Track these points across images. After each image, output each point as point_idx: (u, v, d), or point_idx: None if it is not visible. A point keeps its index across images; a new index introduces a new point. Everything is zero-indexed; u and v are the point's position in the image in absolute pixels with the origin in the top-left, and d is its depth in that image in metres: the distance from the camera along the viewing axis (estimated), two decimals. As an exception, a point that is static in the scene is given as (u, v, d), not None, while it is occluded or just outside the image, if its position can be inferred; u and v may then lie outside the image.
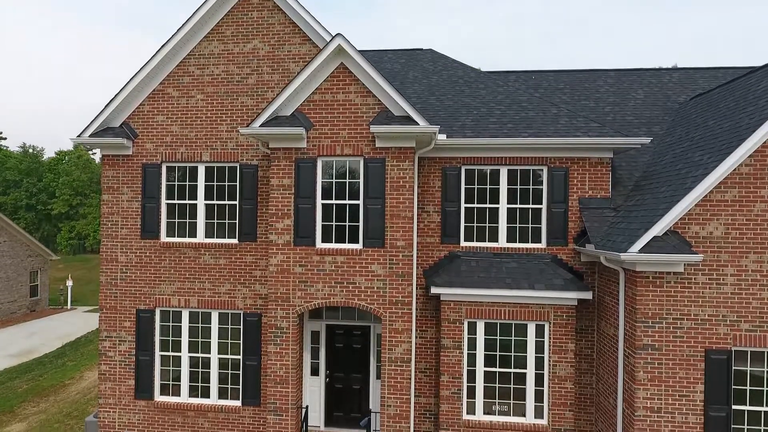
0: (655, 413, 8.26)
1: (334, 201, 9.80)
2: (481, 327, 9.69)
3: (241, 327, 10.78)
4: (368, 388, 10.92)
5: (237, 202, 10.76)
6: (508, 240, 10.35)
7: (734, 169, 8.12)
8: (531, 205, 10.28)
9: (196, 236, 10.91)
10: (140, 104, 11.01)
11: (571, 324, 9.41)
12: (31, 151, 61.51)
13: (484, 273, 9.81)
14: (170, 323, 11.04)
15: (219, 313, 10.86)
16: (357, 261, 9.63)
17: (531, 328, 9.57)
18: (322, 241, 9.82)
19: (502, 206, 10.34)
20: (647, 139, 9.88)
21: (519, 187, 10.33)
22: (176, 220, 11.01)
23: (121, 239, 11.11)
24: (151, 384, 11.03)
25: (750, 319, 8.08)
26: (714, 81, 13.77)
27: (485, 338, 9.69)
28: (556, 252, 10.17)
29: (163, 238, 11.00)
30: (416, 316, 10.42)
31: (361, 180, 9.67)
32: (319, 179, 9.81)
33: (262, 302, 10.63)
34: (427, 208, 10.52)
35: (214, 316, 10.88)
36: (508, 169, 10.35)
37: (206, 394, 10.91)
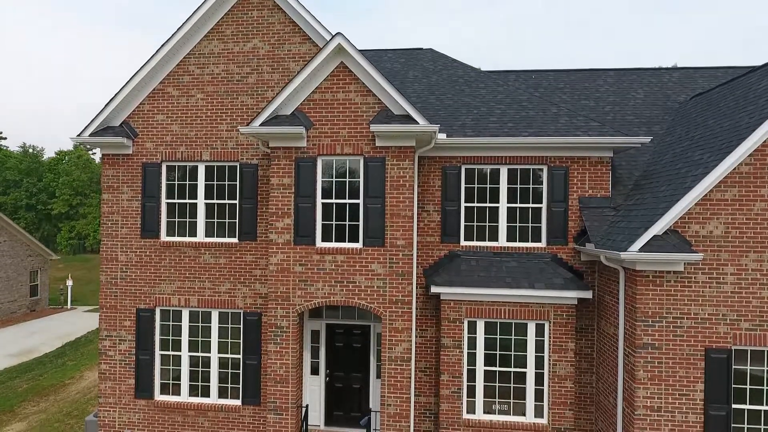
0: (655, 412, 8.26)
1: (334, 200, 9.80)
2: (481, 326, 9.69)
3: (241, 326, 10.78)
4: (368, 387, 10.93)
5: (237, 202, 10.77)
6: (508, 239, 10.35)
7: (734, 168, 8.12)
8: (531, 205, 10.28)
9: (196, 235, 10.92)
10: (140, 103, 11.02)
11: (571, 323, 9.41)
12: (31, 151, 61.53)
13: (484, 272, 9.81)
14: (170, 322, 11.04)
15: (219, 312, 10.87)
16: (357, 260, 9.64)
17: (531, 327, 9.57)
18: (322, 240, 9.83)
19: (502, 205, 10.34)
20: (647, 139, 9.89)
21: (519, 186, 10.33)
22: (176, 219, 11.02)
23: (121, 238, 11.11)
24: (151, 383, 11.03)
25: (750, 318, 8.08)
26: (714, 80, 13.78)
27: (485, 337, 9.69)
28: (556, 251, 10.17)
29: (163, 238, 11.00)
30: (416, 315, 10.43)
31: (361, 179, 9.67)
32: (319, 178, 9.81)
33: (262, 301, 10.64)
34: (427, 208, 10.52)
35: (214, 316, 10.89)
36: (508, 169, 10.35)
37: (206, 393, 10.92)
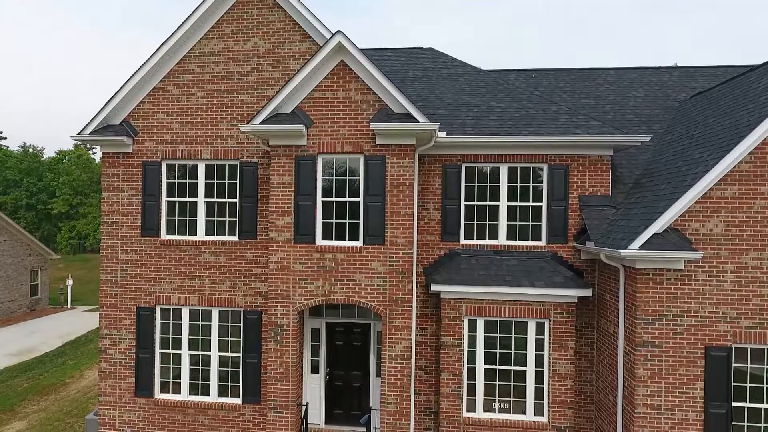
0: (655, 410, 8.26)
1: (334, 198, 9.80)
2: (481, 324, 9.69)
3: (242, 325, 10.78)
4: (368, 385, 10.93)
5: (237, 200, 10.77)
6: (509, 238, 10.35)
7: (734, 167, 8.12)
8: (531, 203, 10.28)
9: (196, 234, 10.92)
10: (140, 102, 11.02)
11: (571, 321, 9.41)
12: (31, 150, 61.57)
13: (484, 270, 9.81)
14: (170, 321, 11.04)
15: (219, 310, 10.87)
16: (357, 258, 9.64)
17: (531, 326, 9.57)
18: (323, 239, 9.83)
19: (502, 204, 10.34)
20: (647, 137, 9.88)
21: (519, 184, 10.33)
22: (176, 217, 11.02)
23: (121, 237, 11.11)
24: (152, 382, 11.03)
25: (750, 316, 8.08)
26: (714, 79, 13.78)
27: (485, 336, 9.69)
28: (556, 250, 10.16)
29: (164, 236, 11.00)
30: (416, 313, 10.42)
31: (361, 177, 9.67)
32: (320, 177, 9.81)
33: (263, 300, 10.64)
34: (428, 206, 10.52)
35: (215, 314, 10.89)
36: (509, 167, 10.35)
37: (206, 391, 10.92)
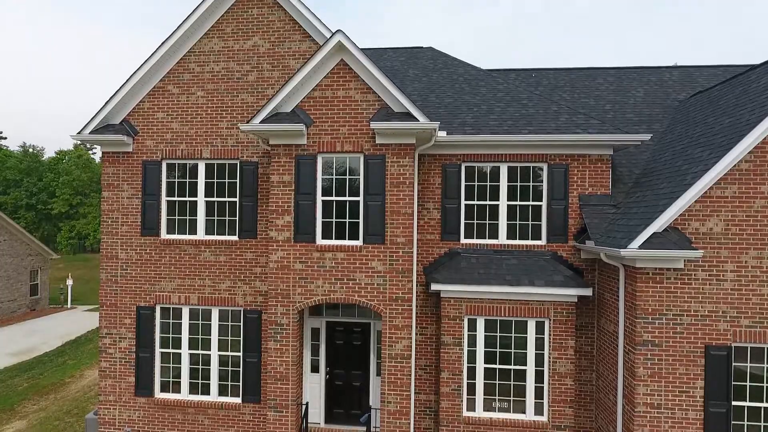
0: (655, 409, 8.26)
1: (334, 198, 9.80)
2: (481, 324, 9.69)
3: (241, 324, 10.78)
4: (368, 384, 10.92)
5: (237, 199, 10.77)
6: (508, 237, 10.35)
7: (734, 165, 8.12)
8: (531, 202, 10.28)
9: (196, 233, 10.92)
10: (140, 101, 11.03)
11: (571, 321, 9.41)
12: (31, 150, 61.56)
13: (484, 270, 9.81)
14: (170, 320, 11.04)
15: (219, 310, 10.87)
16: (357, 258, 9.64)
17: (531, 325, 9.57)
18: (323, 238, 9.83)
19: (502, 203, 10.34)
20: (647, 136, 9.88)
21: (519, 184, 10.33)
22: (176, 217, 11.02)
23: (121, 236, 11.12)
24: (152, 381, 11.03)
25: (750, 315, 8.08)
26: (714, 79, 13.78)
27: (485, 335, 9.69)
28: (556, 249, 10.16)
29: (164, 235, 11.00)
30: (416, 313, 10.42)
31: (361, 177, 9.67)
32: (320, 176, 9.81)
33: (262, 299, 10.64)
34: (427, 205, 10.52)
35: (215, 313, 10.89)
36: (508, 166, 10.35)
37: (206, 391, 10.92)
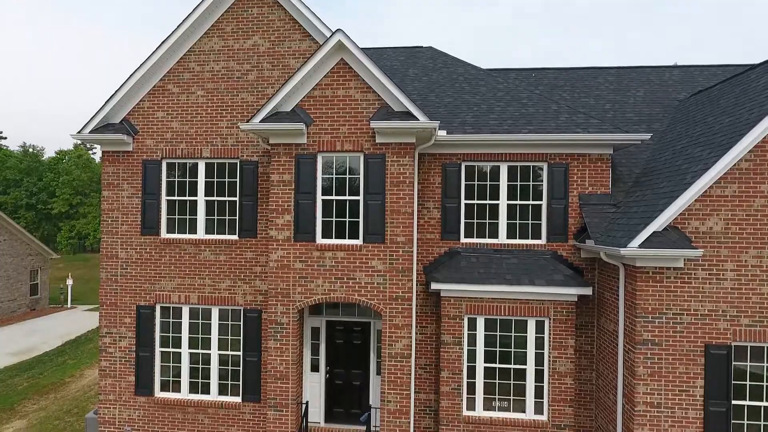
0: (654, 408, 8.26)
1: (334, 197, 9.80)
2: (481, 323, 9.70)
3: (241, 323, 10.79)
4: (368, 384, 10.92)
5: (237, 199, 10.77)
6: (508, 236, 10.35)
7: (734, 165, 8.12)
8: (531, 202, 10.29)
9: (196, 232, 10.92)
10: (140, 100, 11.03)
11: (571, 320, 9.42)
12: (31, 150, 61.58)
13: (484, 269, 9.81)
14: (170, 319, 11.05)
15: (219, 309, 10.87)
16: (357, 257, 9.64)
17: (531, 324, 9.57)
18: (323, 237, 9.83)
19: (502, 202, 10.34)
20: (647, 135, 9.88)
21: (519, 183, 10.33)
22: (176, 216, 11.02)
23: (121, 235, 11.12)
24: (152, 380, 11.03)
25: (750, 314, 8.08)
26: (714, 78, 13.79)
27: (485, 334, 9.69)
28: (556, 248, 10.17)
29: (164, 235, 11.01)
30: (416, 312, 10.43)
31: (361, 176, 9.67)
32: (320, 175, 9.81)
33: (262, 298, 10.64)
34: (427, 205, 10.52)
35: (215, 313, 10.89)
36: (508, 166, 10.35)
37: (206, 390, 10.92)
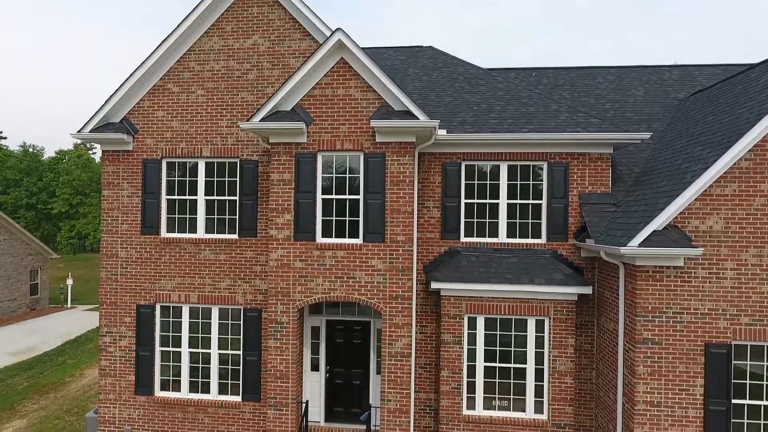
0: (654, 407, 8.26)
1: (334, 196, 9.80)
2: (481, 322, 9.70)
3: (241, 322, 10.79)
4: (368, 383, 10.92)
5: (237, 198, 10.77)
6: (508, 235, 10.35)
7: (734, 164, 8.12)
8: (531, 201, 10.29)
9: (196, 232, 10.92)
10: (140, 100, 11.03)
11: (571, 319, 9.42)
12: (31, 150, 61.59)
13: (484, 268, 9.81)
14: (170, 319, 11.05)
15: (219, 308, 10.87)
16: (357, 256, 9.64)
17: (531, 324, 9.57)
18: (323, 236, 9.83)
19: (502, 202, 10.34)
20: (647, 134, 9.88)
21: (519, 182, 10.33)
22: (176, 215, 11.02)
23: (121, 235, 11.12)
24: (152, 379, 11.03)
25: (750, 313, 8.08)
26: (713, 78, 13.79)
27: (485, 333, 9.69)
28: (556, 247, 10.17)
29: (164, 234, 11.01)
30: (416, 311, 10.43)
31: (361, 175, 9.67)
32: (320, 174, 9.81)
33: (263, 297, 10.64)
34: (428, 204, 10.52)
35: (215, 312, 10.89)
36: (508, 165, 10.35)
37: (206, 389, 10.92)
